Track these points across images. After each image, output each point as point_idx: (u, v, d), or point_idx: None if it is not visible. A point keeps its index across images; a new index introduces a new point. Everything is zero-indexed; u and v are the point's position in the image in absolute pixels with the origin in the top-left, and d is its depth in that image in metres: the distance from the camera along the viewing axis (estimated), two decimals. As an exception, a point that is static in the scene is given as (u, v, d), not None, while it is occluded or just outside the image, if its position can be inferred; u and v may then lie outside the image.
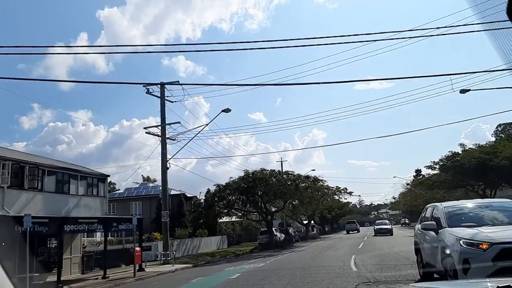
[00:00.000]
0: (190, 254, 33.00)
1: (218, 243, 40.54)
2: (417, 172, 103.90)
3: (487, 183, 31.51)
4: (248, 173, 31.70)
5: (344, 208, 69.28)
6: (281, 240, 35.99)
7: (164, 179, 24.83)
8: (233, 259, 25.87)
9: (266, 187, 29.81)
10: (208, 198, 32.43)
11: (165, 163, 24.96)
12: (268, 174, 31.10)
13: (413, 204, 73.80)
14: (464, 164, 25.93)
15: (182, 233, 34.85)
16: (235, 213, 39.29)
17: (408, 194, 77.99)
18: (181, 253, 32.31)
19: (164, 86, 25.91)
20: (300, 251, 26.38)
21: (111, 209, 46.04)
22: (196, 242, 35.58)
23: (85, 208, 21.11)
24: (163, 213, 24.51)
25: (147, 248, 29.91)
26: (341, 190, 48.19)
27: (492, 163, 24.54)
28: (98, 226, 18.30)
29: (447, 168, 28.96)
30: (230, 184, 31.63)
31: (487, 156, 25.20)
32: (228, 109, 23.91)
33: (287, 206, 36.70)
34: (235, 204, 34.07)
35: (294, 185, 30.45)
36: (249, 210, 35.29)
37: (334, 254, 19.25)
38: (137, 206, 44.95)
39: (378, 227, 38.08)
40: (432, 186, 36.13)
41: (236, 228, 49.38)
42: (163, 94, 25.70)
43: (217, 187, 32.34)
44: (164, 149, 25.10)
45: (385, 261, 14.35)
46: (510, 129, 67.73)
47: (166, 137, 25.45)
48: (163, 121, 25.46)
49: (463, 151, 28.92)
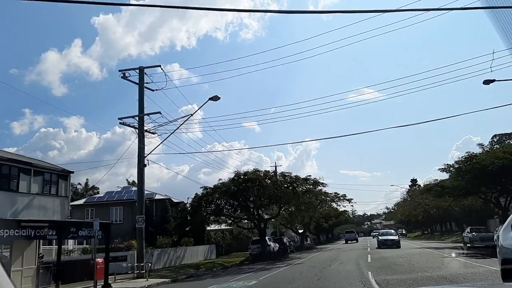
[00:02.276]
0: (173, 265, 29.23)
1: (205, 253, 36.76)
2: (413, 181, 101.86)
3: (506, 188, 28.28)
4: (239, 174, 28.11)
5: (340, 217, 65.71)
6: (275, 250, 32.33)
7: (140, 178, 21.22)
8: (219, 273, 22.19)
9: (259, 190, 26.25)
10: (194, 203, 28.71)
11: (142, 159, 21.39)
12: (262, 175, 27.49)
13: (412, 214, 70.79)
14: (487, 166, 22.64)
15: (165, 242, 31.06)
16: (224, 220, 35.57)
17: (407, 203, 75.01)
18: (162, 264, 28.54)
19: (144, 71, 22.47)
20: (297, 264, 22.77)
21: (89, 214, 42.21)
22: (180, 252, 31.81)
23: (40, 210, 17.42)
24: (137, 218, 20.84)
25: (122, 258, 26.14)
26: (340, 197, 44.67)
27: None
28: (50, 231, 14.63)
29: (464, 171, 25.63)
30: (219, 187, 28.01)
31: (513, 157, 22.03)
32: (216, 97, 20.48)
33: (283, 212, 33.13)
34: (224, 210, 30.43)
35: (291, 188, 26.88)
36: (240, 217, 31.59)
37: (343, 270, 15.69)
38: (118, 211, 41.05)
39: (383, 238, 31.88)
40: (442, 193, 32.72)
41: (226, 237, 45.68)
42: (142, 80, 22.25)
43: (205, 190, 28.68)
44: (142, 143, 21.53)
45: (419, 282, 10.85)
46: (506, 139, 65.24)
47: (145, 130, 21.89)
48: (141, 111, 21.94)
49: (483, 152, 25.62)
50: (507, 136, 70.27)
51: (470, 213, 47.69)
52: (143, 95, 22.16)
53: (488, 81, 21.33)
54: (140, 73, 22.32)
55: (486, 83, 21.44)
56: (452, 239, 49.89)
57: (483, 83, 21.62)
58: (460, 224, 61.16)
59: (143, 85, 22.24)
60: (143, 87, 22.23)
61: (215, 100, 20.62)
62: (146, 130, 22.00)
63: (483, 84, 21.59)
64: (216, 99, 20.53)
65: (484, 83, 21.55)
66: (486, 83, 21.46)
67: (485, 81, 21.47)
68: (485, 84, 21.56)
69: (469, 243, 31.39)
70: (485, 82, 21.49)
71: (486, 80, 21.41)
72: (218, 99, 20.53)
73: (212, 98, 20.50)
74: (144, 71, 22.47)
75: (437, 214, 60.00)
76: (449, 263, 15.79)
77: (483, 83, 21.62)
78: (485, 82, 21.48)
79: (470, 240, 31.18)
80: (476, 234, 31.08)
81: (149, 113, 21.80)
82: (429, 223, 78.42)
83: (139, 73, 22.33)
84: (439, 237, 59.07)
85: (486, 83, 21.43)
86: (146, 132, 22.07)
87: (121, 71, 22.20)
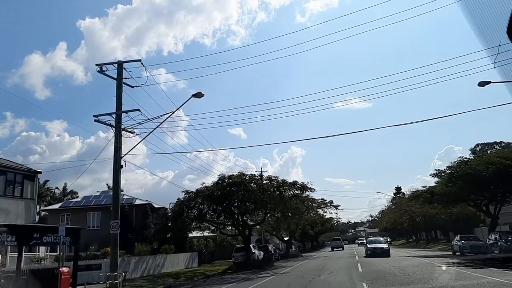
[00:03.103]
0: (151, 274, 27.53)
1: (186, 261, 35.05)
2: (397, 189, 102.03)
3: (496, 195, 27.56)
4: (223, 177, 26.66)
5: (326, 224, 64.62)
6: (260, 258, 30.88)
7: (116, 180, 19.64)
8: (200, 283, 20.69)
9: (244, 194, 24.85)
10: (175, 208, 27.11)
11: (118, 160, 19.83)
12: (247, 179, 26.07)
13: (397, 221, 70.16)
14: (481, 171, 21.80)
15: (143, 249, 29.31)
16: (207, 227, 34.00)
17: (392, 210, 74.46)
18: (139, 273, 26.83)
19: (123, 66, 21.01)
20: (284, 273, 21.43)
21: (64, 219, 40.09)
22: (160, 260, 30.09)
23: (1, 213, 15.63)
24: (111, 223, 19.24)
25: (96, 266, 24.41)
26: (327, 203, 43.53)
27: (516, 169, 20.54)
28: (9, 237, 12.99)
29: (456, 177, 24.75)
30: (202, 191, 26.51)
31: (509, 162, 21.19)
32: (200, 93, 19.14)
33: (268, 219, 31.76)
34: (208, 215, 28.90)
35: (278, 192, 25.55)
36: (224, 223, 30.08)
37: (334, 281, 14.42)
38: (96, 216, 39.08)
39: (372, 246, 29.85)
40: (431, 200, 31.86)
41: (209, 244, 44.03)
42: (121, 75, 20.77)
43: (187, 195, 27.13)
44: (118, 142, 19.99)
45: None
46: (489, 149, 65.55)
47: (122, 128, 20.36)
48: (119, 108, 20.42)
49: (475, 158, 24.80)
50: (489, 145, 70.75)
51: (457, 221, 47.15)
52: (121, 91, 20.67)
53: (483, 82, 20.53)
54: (118, 68, 20.84)
55: (482, 85, 20.63)
56: (438, 247, 49.26)
57: (478, 84, 20.81)
58: (445, 232, 60.72)
59: (122, 81, 20.75)
60: (122, 83, 20.74)
61: (199, 97, 19.28)
62: (124, 128, 20.46)
63: (478, 86, 20.80)
64: (200, 96, 19.19)
65: (479, 85, 20.75)
66: (481, 84, 20.65)
67: (480, 83, 20.68)
68: (480, 86, 20.74)
69: (459, 251, 30.59)
70: (481, 84, 20.69)
71: (482, 82, 20.61)
72: (201, 96, 19.19)
73: (195, 95, 19.17)
74: (123, 66, 21.02)
75: (422, 222, 59.46)
76: (446, 274, 14.71)
77: (478, 85, 20.81)
78: (480, 83, 20.68)
79: (460, 248, 30.38)
80: (466, 242, 30.31)
81: (127, 110, 20.28)
82: (414, 231, 78.01)
83: (118, 67, 20.84)
84: (425, 245, 58.48)
85: (482, 84, 20.62)
86: (124, 131, 20.55)
87: (98, 65, 20.68)
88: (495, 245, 22.05)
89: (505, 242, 21.23)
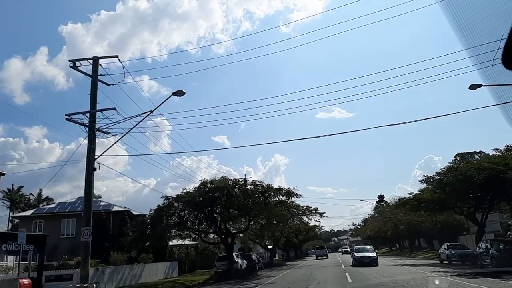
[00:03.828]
0: (128, 285, 25.95)
1: (166, 270, 33.47)
2: (380, 198, 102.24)
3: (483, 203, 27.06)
4: (205, 182, 25.38)
5: (310, 232, 63.60)
6: (243, 268, 29.56)
7: (88, 183, 18.15)
8: (179, 295, 19.32)
9: (227, 200, 23.62)
10: (154, 215, 25.64)
11: (91, 161, 18.38)
12: (231, 184, 24.82)
13: (381, 229, 69.69)
14: (472, 177, 21.16)
15: (119, 258, 27.69)
16: (188, 234, 32.51)
17: (376, 218, 74.05)
18: (114, 283, 25.21)
19: (98, 62, 19.67)
20: (269, 283, 20.21)
21: (37, 226, 38.06)
22: (137, 270, 28.49)
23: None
24: (83, 230, 17.72)
25: (67, 277, 22.68)
26: (312, 211, 42.51)
27: (508, 175, 19.94)
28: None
29: (445, 183, 24.09)
30: (183, 197, 25.15)
31: (500, 167, 20.61)
32: (181, 91, 17.94)
33: (252, 226, 30.54)
34: (189, 223, 27.50)
35: (263, 198, 24.37)
36: (205, 230, 28.67)
37: (324, 293, 13.31)
38: (70, 223, 37.17)
39: (359, 255, 28.31)
40: (418, 207, 31.22)
41: (191, 253, 42.44)
42: (96, 72, 19.42)
43: (166, 200, 25.70)
44: (92, 143, 18.56)
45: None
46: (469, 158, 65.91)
47: (96, 128, 18.95)
48: (93, 106, 19.03)
49: (465, 164, 24.21)
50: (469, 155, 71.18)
51: (442, 229, 46.80)
52: (96, 89, 19.28)
53: (474, 86, 19.96)
54: (93, 64, 19.46)
55: (473, 88, 20.06)
56: (423, 255, 48.75)
57: (469, 88, 20.23)
58: (429, 241, 60.46)
59: (97, 78, 19.38)
60: (97, 80, 19.38)
61: (179, 96, 18.09)
62: (98, 128, 19.05)
63: (469, 89, 20.23)
64: (181, 94, 18.00)
65: (470, 88, 20.18)
66: (472, 88, 20.08)
67: (472, 86, 20.11)
68: (471, 89, 20.16)
69: (446, 260, 29.95)
70: (471, 87, 20.12)
71: (473, 85, 20.01)
72: (182, 94, 17.99)
73: (176, 93, 17.96)
74: (99, 63, 19.68)
75: (406, 230, 59.07)
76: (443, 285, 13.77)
77: (469, 88, 20.24)
78: (471, 87, 20.11)
79: (447, 257, 29.74)
80: (454, 251, 29.72)
81: (102, 109, 18.87)
82: (397, 239, 77.70)
83: (93, 63, 19.47)
84: (409, 254, 58.01)
85: (473, 88, 20.04)
86: (98, 132, 19.14)
87: (71, 60, 19.31)
88: (486, 253, 21.36)
89: (497, 251, 20.56)
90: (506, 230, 35.58)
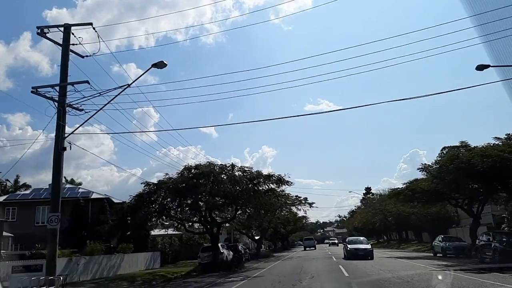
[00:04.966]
0: (104, 276, 24.12)
1: (147, 261, 31.67)
2: (367, 190, 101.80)
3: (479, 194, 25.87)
4: (189, 167, 23.53)
5: (298, 223, 62.36)
6: (229, 259, 27.95)
7: (57, 164, 16.16)
8: (158, 289, 17.62)
9: (213, 186, 21.85)
10: (133, 202, 23.74)
11: (61, 140, 16.39)
12: (217, 169, 23.00)
13: (369, 221, 68.83)
14: (475, 165, 19.79)
15: (97, 248, 25.75)
16: (171, 224, 30.74)
17: (365, 210, 73.21)
18: (90, 275, 23.34)
19: (70, 30, 17.55)
20: (257, 277, 18.61)
21: (10, 213, 35.83)
22: (116, 260, 26.64)
23: None
24: (49, 217, 15.84)
25: (36, 267, 20.69)
26: (301, 201, 41.07)
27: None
28: None
29: (445, 172, 22.71)
30: (165, 182, 23.29)
31: (506, 154, 19.26)
32: (162, 63, 16.01)
33: (239, 215, 28.89)
34: (172, 211, 25.71)
35: (252, 185, 22.64)
36: (189, 219, 26.89)
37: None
38: (46, 211, 34.68)
39: (353, 247, 26.18)
40: (412, 198, 29.93)
41: (175, 243, 40.71)
42: (67, 41, 17.32)
43: (147, 186, 23.80)
44: (62, 120, 16.53)
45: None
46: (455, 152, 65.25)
47: (67, 104, 16.92)
48: (64, 79, 16.97)
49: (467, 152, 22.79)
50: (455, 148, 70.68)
51: (432, 221, 45.88)
52: (67, 59, 17.17)
53: (481, 66, 18.48)
54: (65, 32, 17.32)
55: (480, 69, 18.58)
56: (412, 248, 47.95)
57: (476, 68, 18.72)
58: (418, 233, 59.78)
59: (68, 47, 17.28)
60: (68, 50, 17.29)
61: (160, 67, 16.17)
62: (69, 104, 17.02)
63: (476, 70, 18.74)
64: (161, 66, 16.07)
65: (477, 69, 18.69)
66: (479, 68, 18.58)
67: (479, 67, 18.62)
68: (478, 70, 18.69)
69: (441, 252, 28.85)
70: (478, 68, 18.63)
71: (480, 65, 18.54)
72: (163, 66, 16.06)
73: (156, 64, 16.03)
74: (71, 31, 17.57)
75: (395, 222, 58.22)
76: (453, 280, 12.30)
77: (476, 69, 18.75)
78: (478, 67, 18.63)
79: (442, 249, 28.62)
80: (449, 243, 28.66)
81: (73, 82, 16.82)
82: (385, 231, 77.10)
83: (64, 31, 17.36)
84: (397, 246, 57.30)
85: (480, 68, 18.55)
86: (70, 108, 17.12)
87: (39, 27, 17.17)
88: (488, 246, 20.12)
89: (500, 243, 19.31)
90: (500, 222, 34.71)
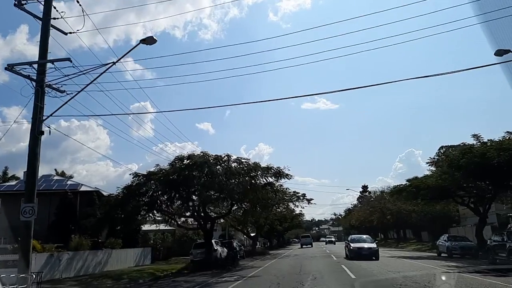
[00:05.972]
0: (89, 273, 22.54)
1: (137, 257, 30.12)
2: (364, 188, 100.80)
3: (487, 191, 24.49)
4: (181, 157, 21.89)
5: (295, 220, 60.91)
6: (223, 257, 26.42)
7: (33, 150, 14.53)
8: (144, 288, 16.06)
9: (207, 179, 20.27)
10: (121, 194, 22.11)
11: (39, 123, 14.76)
12: (212, 160, 21.37)
13: (367, 219, 67.46)
14: (491, 159, 18.37)
15: (82, 243, 24.14)
16: (164, 219, 29.18)
17: (363, 208, 71.96)
18: (74, 272, 21.75)
19: (51, 2, 15.90)
20: (253, 277, 17.08)
21: (-7, 206, 34.10)
22: (103, 256, 25.06)
23: None
24: (23, 208, 14.20)
25: (14, 264, 19.08)
26: (300, 197, 39.55)
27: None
28: None
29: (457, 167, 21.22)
30: (155, 173, 21.68)
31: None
32: (151, 38, 14.43)
33: (234, 211, 27.35)
34: (164, 205, 24.12)
35: (248, 178, 21.05)
36: (181, 213, 25.30)
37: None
38: (32, 204, 33.24)
39: (357, 246, 24.34)
40: (416, 195, 28.50)
41: (167, 239, 39.17)
42: (48, 14, 15.66)
43: (136, 178, 22.17)
44: (40, 101, 14.90)
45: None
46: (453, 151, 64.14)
47: (46, 84, 15.28)
48: (43, 56, 15.32)
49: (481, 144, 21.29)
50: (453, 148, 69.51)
51: (432, 220, 44.56)
52: (48, 34, 15.53)
53: (501, 51, 17.00)
54: (46, 4, 15.72)
55: (499, 54, 17.10)
56: (412, 247, 46.58)
57: (495, 54, 17.27)
58: (417, 232, 58.51)
59: (49, 21, 15.64)
60: (49, 24, 15.64)
61: (149, 44, 14.58)
62: (49, 84, 15.38)
63: (495, 56, 17.26)
64: (151, 42, 14.49)
65: (496, 54, 17.19)
66: (498, 54, 17.13)
67: (497, 52, 17.14)
68: (496, 55, 17.23)
69: (446, 253, 27.44)
70: (497, 53, 17.16)
71: (500, 50, 17.08)
72: (153, 42, 14.48)
73: (144, 40, 14.44)
74: (52, 4, 15.92)
75: (393, 220, 56.89)
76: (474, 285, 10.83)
77: (495, 55, 17.28)
78: (497, 52, 17.15)
79: (447, 249, 27.20)
80: (455, 243, 27.25)
81: (53, 60, 15.19)
82: (383, 230, 75.84)
83: (45, 3, 15.72)
84: (396, 245, 55.99)
85: (499, 54, 17.10)
86: (48, 88, 15.48)
87: None
88: (502, 247, 18.70)
89: (516, 244, 17.89)
90: (504, 222, 33.42)
